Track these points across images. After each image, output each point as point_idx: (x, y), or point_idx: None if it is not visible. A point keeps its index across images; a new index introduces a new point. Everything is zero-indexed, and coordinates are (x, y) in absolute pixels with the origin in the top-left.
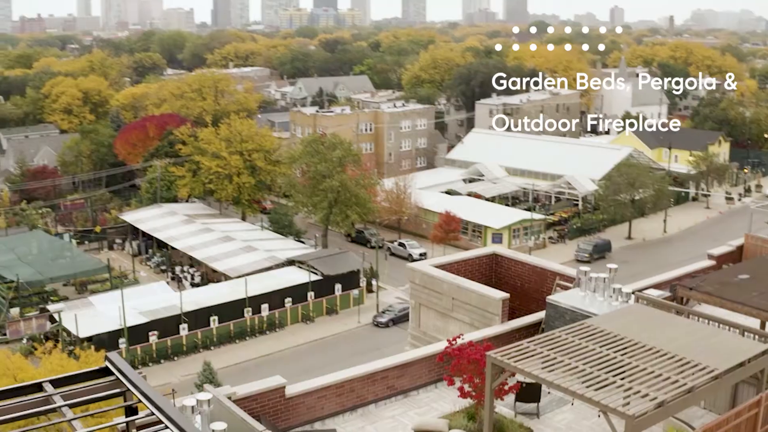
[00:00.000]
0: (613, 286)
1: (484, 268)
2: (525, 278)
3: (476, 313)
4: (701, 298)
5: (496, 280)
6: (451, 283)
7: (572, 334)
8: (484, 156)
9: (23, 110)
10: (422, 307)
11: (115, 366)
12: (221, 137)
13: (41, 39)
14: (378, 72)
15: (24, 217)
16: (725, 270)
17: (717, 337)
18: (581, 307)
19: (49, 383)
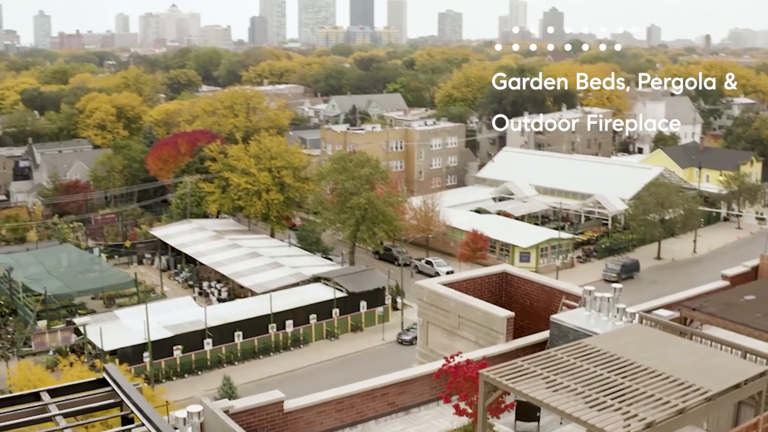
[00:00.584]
0: (617, 306)
1: (494, 286)
2: (534, 297)
3: (481, 331)
4: (704, 318)
5: (506, 299)
6: (457, 302)
7: (568, 354)
8: (514, 174)
9: (57, 125)
10: (430, 324)
11: (112, 377)
12: (251, 154)
13: (79, 55)
14: (411, 90)
15: (55, 231)
16: (732, 290)
17: (715, 358)
18: (585, 327)
19: (46, 393)
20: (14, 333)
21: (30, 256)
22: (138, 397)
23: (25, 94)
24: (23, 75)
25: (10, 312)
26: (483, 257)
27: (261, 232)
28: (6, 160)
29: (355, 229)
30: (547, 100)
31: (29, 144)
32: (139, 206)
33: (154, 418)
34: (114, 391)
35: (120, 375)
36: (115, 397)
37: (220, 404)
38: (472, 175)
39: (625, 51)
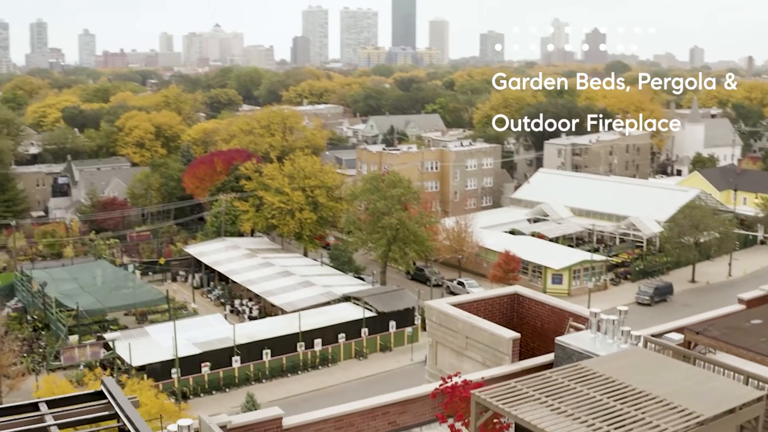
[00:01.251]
0: (622, 329)
1: (506, 307)
2: (545, 319)
3: (488, 352)
4: (707, 342)
5: (518, 320)
6: (465, 322)
7: (564, 376)
8: (549, 196)
9: (97, 143)
10: (439, 345)
11: (108, 390)
12: (285, 173)
13: (122, 73)
14: (450, 111)
15: (92, 248)
16: (741, 314)
17: (713, 382)
18: (589, 350)
19: (44, 403)
20: (46, 347)
21: (64, 271)
22: (131, 410)
23: (66, 112)
24: (65, 93)
25: (43, 326)
26: (515, 278)
27: (294, 250)
28: (45, 176)
29: (386, 249)
30: (584, 121)
31: (68, 161)
32: (175, 224)
33: (144, 430)
34: (110, 403)
35: (116, 388)
36: (110, 410)
37: (217, 419)
38: (507, 196)
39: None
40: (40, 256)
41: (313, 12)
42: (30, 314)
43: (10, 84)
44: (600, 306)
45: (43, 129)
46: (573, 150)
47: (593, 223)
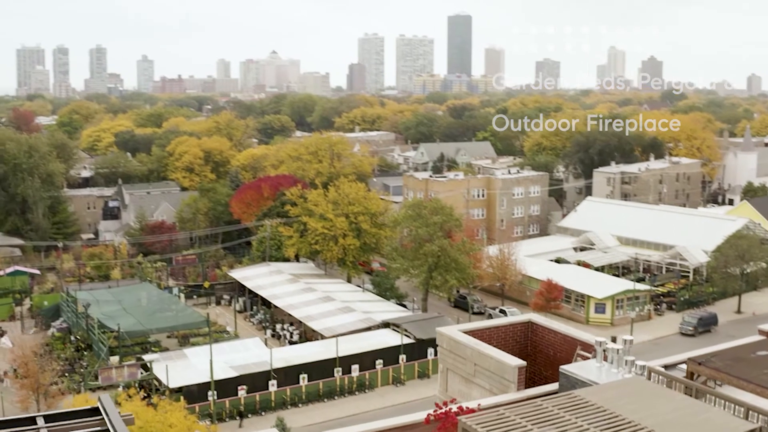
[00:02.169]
0: (626, 359)
1: (519, 335)
2: (558, 348)
3: (494, 379)
4: (709, 373)
5: (531, 348)
6: (473, 349)
7: (554, 404)
8: (596, 224)
9: (148, 167)
10: (449, 371)
11: (104, 407)
12: (329, 199)
13: (179, 99)
14: (501, 138)
15: (138, 270)
16: (747, 345)
17: (706, 413)
18: (591, 379)
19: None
20: (87, 367)
21: (109, 293)
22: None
23: (119, 137)
24: (120, 118)
25: (86, 347)
26: (557, 307)
27: (338, 276)
28: (96, 199)
29: (427, 276)
30: (634, 150)
31: (119, 185)
32: (222, 248)
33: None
34: (103, 420)
35: (111, 406)
36: (102, 426)
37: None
38: (555, 224)
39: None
40: (87, 278)
41: (369, 39)
42: (74, 335)
43: (67, 108)
44: (642, 336)
45: (97, 153)
46: (622, 178)
47: (642, 251)
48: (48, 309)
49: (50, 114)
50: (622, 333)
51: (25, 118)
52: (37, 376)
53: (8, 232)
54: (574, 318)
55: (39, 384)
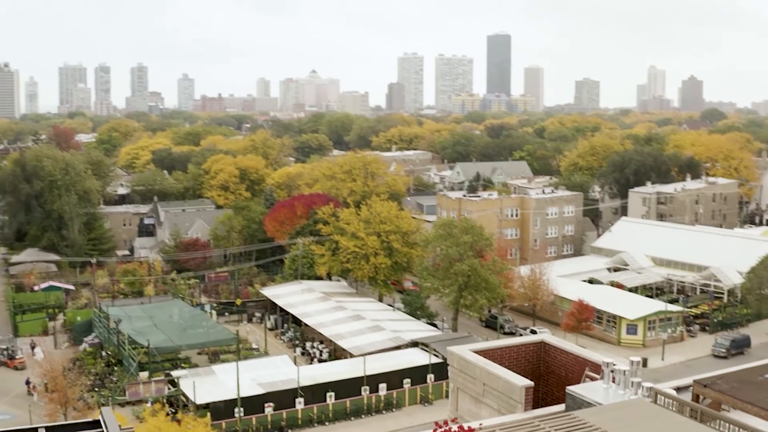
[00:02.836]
0: (633, 380)
1: (532, 356)
2: (569, 368)
3: (502, 399)
4: (714, 396)
5: (544, 369)
6: (482, 369)
7: (551, 424)
8: (631, 245)
9: (184, 185)
10: (459, 390)
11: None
12: (361, 218)
13: (218, 117)
14: (538, 158)
15: (172, 287)
16: (754, 368)
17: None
18: (596, 400)
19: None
20: (117, 382)
21: (141, 309)
22: None
23: (156, 154)
24: (159, 136)
25: (116, 362)
26: (588, 328)
27: (370, 295)
28: (132, 216)
29: (457, 295)
30: (671, 170)
31: (155, 202)
32: (255, 266)
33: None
34: None
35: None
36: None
37: None
38: (589, 244)
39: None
40: (121, 294)
41: (408, 59)
42: (105, 350)
43: (106, 126)
44: (674, 358)
45: (135, 170)
46: (658, 199)
47: (676, 272)
48: (80, 324)
49: (90, 131)
50: (653, 354)
51: (64, 135)
52: (65, 391)
53: (45, 247)
54: (605, 339)
55: (67, 398)
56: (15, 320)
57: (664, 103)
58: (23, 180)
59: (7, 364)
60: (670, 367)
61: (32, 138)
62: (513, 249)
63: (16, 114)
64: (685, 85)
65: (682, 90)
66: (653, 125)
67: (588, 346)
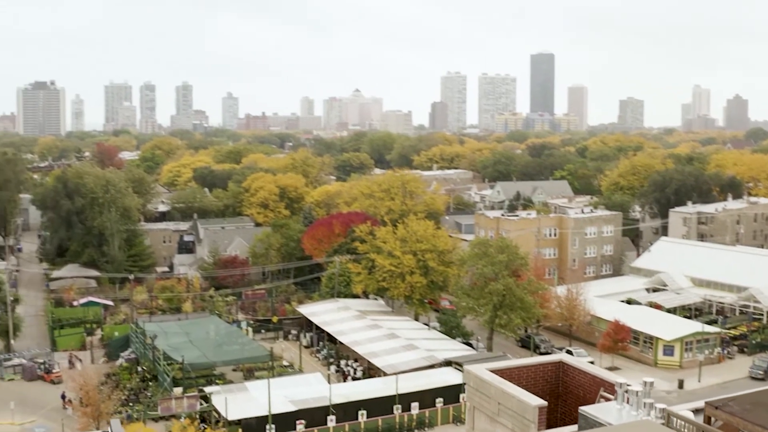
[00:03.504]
0: (645, 401)
1: (550, 375)
2: (587, 389)
3: (517, 419)
4: (725, 418)
5: (562, 389)
6: (497, 388)
7: None
8: (670, 265)
9: (224, 203)
10: (476, 409)
11: None
12: (397, 236)
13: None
14: (579, 177)
15: (209, 303)
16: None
17: None
18: (610, 420)
19: None
20: (152, 397)
21: (177, 325)
22: None
23: (197, 172)
24: (201, 153)
25: (151, 377)
26: (624, 348)
27: (406, 314)
28: (172, 233)
29: (492, 314)
30: (712, 190)
31: (194, 219)
32: (293, 283)
33: None
34: None
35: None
36: None
37: None
38: (628, 264)
39: None
40: (160, 310)
41: (451, 78)
42: (141, 365)
43: (149, 144)
44: (711, 380)
45: (177, 187)
46: (698, 219)
47: (712, 293)
48: (117, 339)
49: (134, 149)
50: (690, 376)
51: (108, 152)
52: (98, 405)
53: (85, 263)
54: (642, 360)
55: (100, 412)
56: (53, 335)
57: (708, 123)
58: (65, 196)
59: (44, 378)
60: (707, 388)
61: (75, 155)
62: (551, 269)
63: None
64: (730, 104)
65: (727, 109)
66: (697, 144)
67: (624, 367)
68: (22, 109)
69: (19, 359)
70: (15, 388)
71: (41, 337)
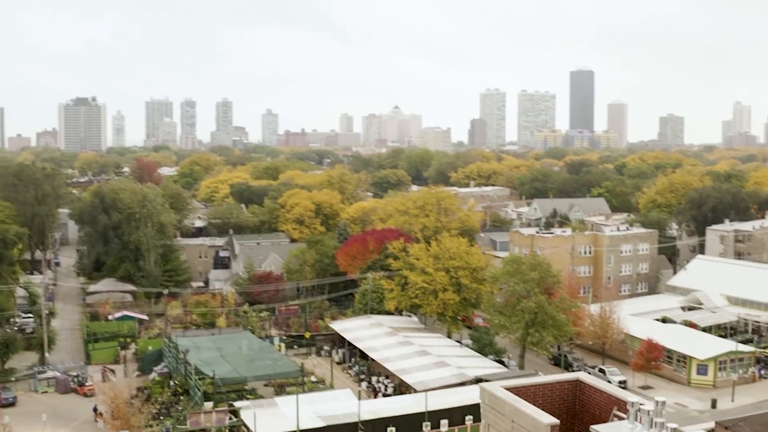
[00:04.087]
0: (656, 420)
1: (567, 394)
2: (603, 408)
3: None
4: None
5: (580, 408)
6: (510, 405)
7: None
8: (706, 283)
9: (260, 218)
10: (491, 427)
11: None
12: (430, 253)
13: (300, 152)
14: (617, 195)
15: (243, 319)
16: None
17: None
18: None
19: None
20: (183, 411)
21: (210, 340)
22: None
23: (234, 188)
24: (239, 170)
25: (183, 392)
26: (657, 368)
27: (439, 331)
28: (208, 249)
29: (524, 332)
30: (750, 207)
31: (230, 235)
32: (326, 299)
33: None
34: None
35: None
36: None
37: None
38: (664, 282)
39: None
40: (194, 325)
41: (491, 95)
42: (173, 379)
43: (188, 160)
44: (745, 399)
45: (214, 203)
46: (735, 237)
47: (748, 312)
48: (150, 354)
49: (174, 165)
50: (724, 395)
51: (147, 168)
52: (128, 418)
53: (121, 278)
54: (675, 379)
55: (129, 425)
56: (88, 348)
57: (749, 139)
58: (101, 211)
59: (77, 391)
60: (740, 408)
61: (115, 171)
62: (585, 286)
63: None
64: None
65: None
66: (737, 162)
67: (657, 386)
68: (63, 124)
69: (53, 372)
70: (48, 400)
71: (76, 350)
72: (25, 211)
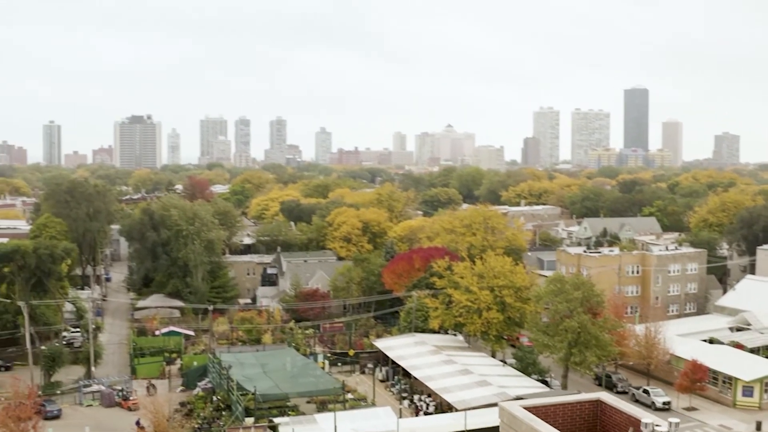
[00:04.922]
0: None
1: (588, 414)
2: (624, 428)
3: None
4: None
5: (601, 428)
6: (528, 425)
7: None
8: (755, 304)
9: (308, 236)
10: None
11: None
12: (475, 272)
13: (353, 171)
14: (668, 214)
15: (289, 335)
16: None
17: None
18: None
19: None
20: (223, 426)
21: (253, 356)
22: None
23: (284, 205)
24: (290, 188)
25: (225, 407)
26: (701, 389)
27: (483, 350)
28: (256, 266)
29: (567, 351)
30: None
31: (278, 252)
32: (372, 317)
33: None
34: None
35: None
36: None
37: None
38: (713, 303)
39: None
40: (240, 341)
41: (544, 113)
42: (216, 395)
43: (240, 177)
44: None
45: (264, 221)
46: None
47: None
48: (195, 369)
49: (227, 182)
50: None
51: (199, 185)
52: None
53: (170, 294)
54: (720, 401)
55: None
56: (133, 363)
57: None
58: (150, 228)
59: (121, 405)
60: None
61: (167, 188)
62: (633, 306)
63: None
64: None
65: None
66: None
67: (702, 407)
68: (119, 142)
69: (98, 386)
70: (92, 413)
71: (122, 364)
72: (77, 227)
